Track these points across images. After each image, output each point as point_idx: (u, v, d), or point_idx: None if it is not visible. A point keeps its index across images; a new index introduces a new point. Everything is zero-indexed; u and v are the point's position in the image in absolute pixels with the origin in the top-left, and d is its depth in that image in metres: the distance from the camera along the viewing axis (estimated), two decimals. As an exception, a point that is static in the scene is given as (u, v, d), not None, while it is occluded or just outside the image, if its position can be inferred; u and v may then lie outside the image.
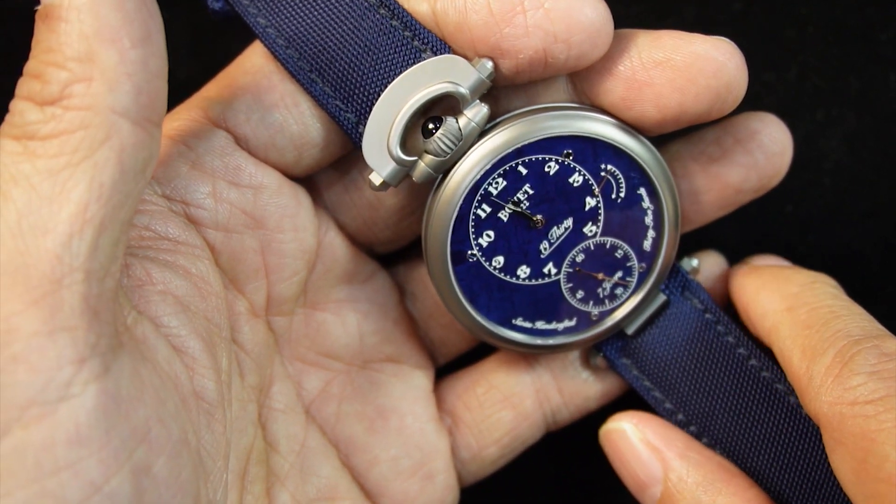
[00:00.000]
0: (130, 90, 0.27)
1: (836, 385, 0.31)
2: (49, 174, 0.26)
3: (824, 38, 0.44)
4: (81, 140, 0.26)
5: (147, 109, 0.27)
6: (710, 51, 0.33)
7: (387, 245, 0.39)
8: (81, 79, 0.26)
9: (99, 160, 0.26)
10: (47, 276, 0.25)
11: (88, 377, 0.25)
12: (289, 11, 0.33)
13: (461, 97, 0.33)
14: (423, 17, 0.33)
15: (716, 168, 0.37)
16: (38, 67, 0.27)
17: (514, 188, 0.35)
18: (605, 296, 0.37)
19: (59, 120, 0.26)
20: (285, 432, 0.36)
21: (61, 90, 0.26)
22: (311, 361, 0.38)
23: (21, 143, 0.26)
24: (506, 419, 0.39)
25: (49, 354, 0.25)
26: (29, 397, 0.25)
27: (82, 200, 0.26)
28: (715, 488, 0.35)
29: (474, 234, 0.35)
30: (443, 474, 0.39)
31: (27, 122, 0.26)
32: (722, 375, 0.37)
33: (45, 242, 0.25)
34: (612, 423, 0.38)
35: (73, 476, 0.25)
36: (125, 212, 0.27)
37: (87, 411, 0.25)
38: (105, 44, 0.27)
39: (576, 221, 0.36)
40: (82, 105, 0.26)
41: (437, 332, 0.40)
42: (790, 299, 0.35)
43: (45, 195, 0.25)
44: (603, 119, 0.35)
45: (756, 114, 0.38)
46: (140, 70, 0.27)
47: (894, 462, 0.28)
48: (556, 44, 0.32)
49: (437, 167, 0.34)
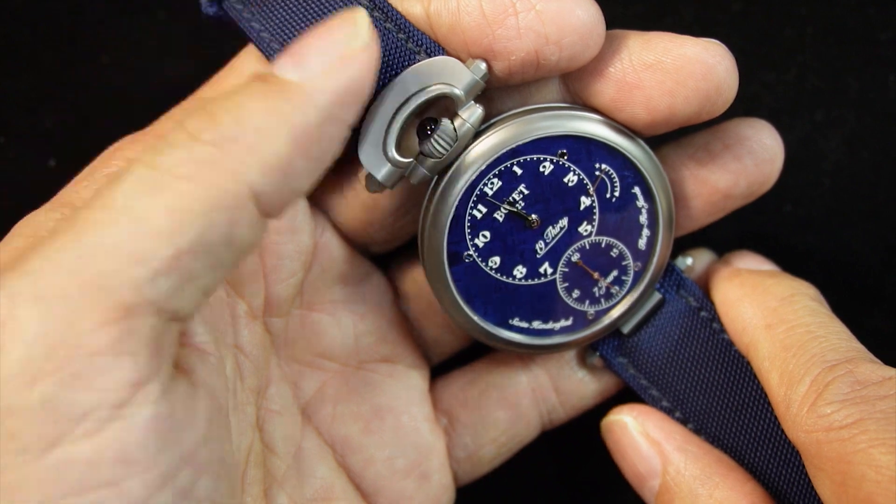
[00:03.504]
0: (275, 184, 0.27)
1: (811, 413, 0.31)
2: (166, 211, 0.26)
3: (824, 39, 0.44)
4: (209, 196, 0.26)
5: (276, 208, 0.28)
6: (700, 53, 0.33)
7: (382, 245, 0.39)
8: (246, 144, 0.27)
9: (214, 221, 0.26)
10: (125, 302, 0.25)
11: (143, 400, 0.26)
12: (283, 15, 0.33)
13: (456, 98, 0.33)
14: (416, 20, 0.33)
15: (704, 173, 0.37)
16: (220, 108, 0.27)
17: (510, 188, 0.35)
18: (600, 295, 0.37)
19: (201, 166, 0.26)
20: (282, 434, 0.36)
21: (221, 140, 0.27)
22: (306, 362, 0.38)
23: (154, 174, 0.26)
24: (501, 419, 0.39)
25: (110, 375, 0.25)
26: (83, 413, 0.25)
27: (183, 248, 0.26)
28: (712, 482, 0.35)
29: (470, 234, 0.35)
30: (438, 474, 0.39)
31: (173, 154, 0.27)
32: (718, 372, 0.37)
33: (134, 271, 0.25)
34: (613, 415, 0.38)
35: (115, 494, 0.25)
36: (210, 277, 0.27)
37: (137, 433, 0.25)
38: (289, 143, 0.27)
39: (571, 221, 0.36)
40: (228, 166, 0.27)
41: (431, 332, 0.40)
42: (769, 315, 0.35)
43: (153, 229, 0.26)
44: (597, 119, 0.35)
45: (747, 119, 0.38)
46: (294, 178, 0.28)
47: (872, 481, 0.29)
48: (547, 45, 0.32)
49: (433, 168, 0.34)
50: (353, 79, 0.28)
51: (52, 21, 0.44)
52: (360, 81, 0.29)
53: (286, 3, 0.33)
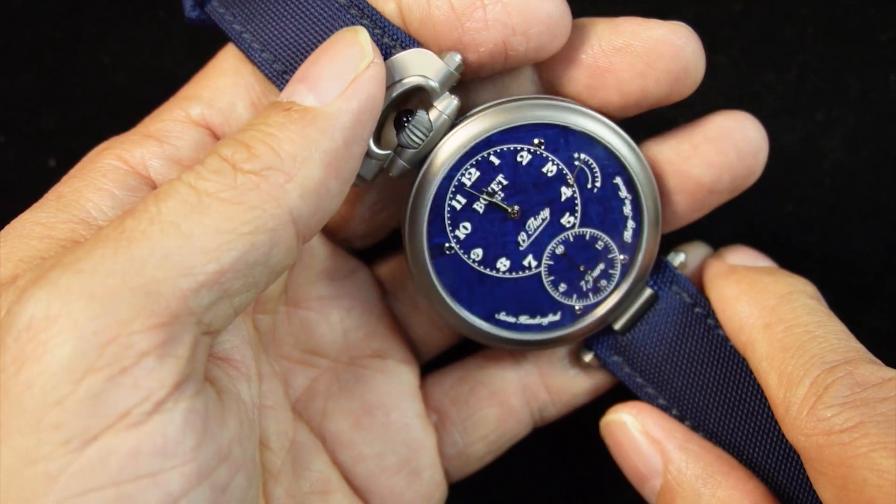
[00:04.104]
0: (312, 207, 0.29)
1: (811, 417, 0.31)
2: (212, 231, 0.28)
3: (824, 39, 0.44)
4: (253, 219, 0.28)
5: (311, 230, 0.30)
6: (668, 35, 0.34)
7: (364, 240, 0.40)
8: (284, 172, 0.29)
9: (256, 243, 0.28)
10: (171, 310, 0.27)
11: (181, 397, 0.27)
12: (263, 16, 0.34)
13: (431, 90, 0.34)
14: (390, 15, 0.34)
15: (687, 168, 0.37)
16: (254, 139, 0.29)
17: (488, 179, 0.35)
18: (588, 289, 0.37)
19: (244, 192, 0.28)
20: (275, 429, 0.36)
21: (261, 168, 0.29)
22: (295, 359, 0.38)
23: (198, 196, 0.28)
24: (492, 416, 0.39)
25: (155, 375, 0.27)
26: (126, 408, 0.26)
27: (226, 266, 0.28)
28: (714, 480, 0.35)
29: (451, 226, 0.36)
30: (429, 470, 0.39)
31: (214, 179, 0.29)
32: (714, 369, 0.37)
33: (182, 282, 0.27)
34: (612, 414, 0.38)
35: (153, 485, 0.26)
36: (245, 296, 0.29)
37: (175, 427, 0.27)
38: (322, 167, 0.30)
39: (553, 212, 0.36)
40: (270, 192, 0.29)
41: (418, 328, 0.41)
42: (767, 314, 0.35)
43: (198, 246, 0.27)
44: (572, 107, 0.35)
45: (730, 112, 0.38)
46: (328, 199, 0.30)
47: (874, 486, 0.29)
48: (514, 36, 0.33)
49: (411, 160, 0.35)
50: (368, 97, 0.31)
51: (52, 21, 0.44)
52: (375, 98, 0.31)
53: (267, 7, 0.34)
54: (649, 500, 0.37)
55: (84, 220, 0.31)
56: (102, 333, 0.26)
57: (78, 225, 0.31)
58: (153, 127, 0.34)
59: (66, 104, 0.45)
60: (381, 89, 0.31)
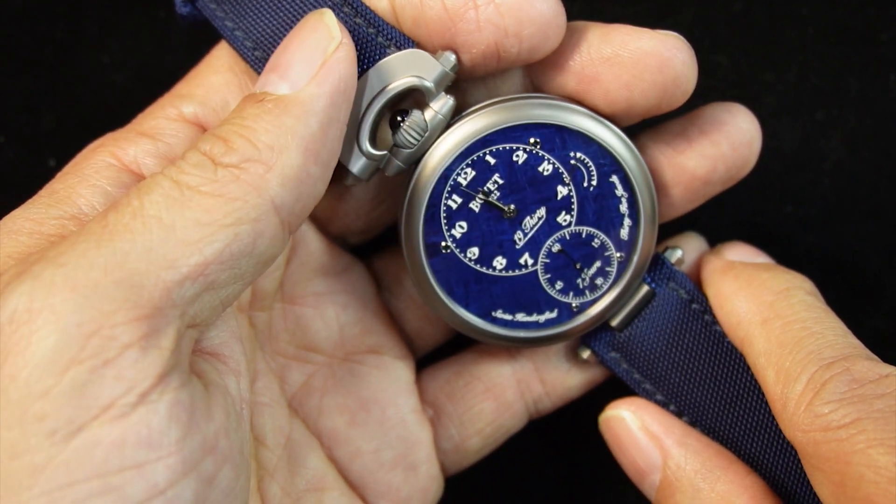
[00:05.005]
0: (294, 194, 0.30)
1: (808, 413, 0.31)
2: (194, 224, 0.28)
3: (824, 39, 0.44)
4: (235, 210, 0.28)
5: (296, 217, 0.30)
6: (657, 46, 0.34)
7: (359, 236, 0.40)
8: (263, 162, 0.29)
9: (240, 233, 0.28)
10: (154, 302, 0.27)
11: (165, 389, 0.27)
12: (256, 14, 0.34)
13: (426, 90, 0.34)
14: (384, 14, 0.34)
15: (682, 160, 0.37)
16: (230, 132, 0.30)
17: (484, 178, 0.35)
18: (584, 286, 0.37)
19: (225, 184, 0.29)
20: (271, 426, 0.36)
21: (240, 161, 0.29)
22: (291, 356, 0.38)
23: (180, 189, 0.28)
24: (487, 410, 0.39)
25: (138, 366, 0.27)
26: (111, 399, 0.26)
27: (209, 258, 0.28)
28: (714, 475, 0.36)
29: (447, 225, 0.36)
30: (426, 465, 0.39)
31: (195, 173, 0.29)
32: (712, 365, 0.37)
33: (164, 274, 0.27)
34: (610, 410, 0.38)
35: (139, 476, 0.26)
36: (232, 289, 0.29)
37: (160, 418, 0.27)
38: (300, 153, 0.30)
39: (549, 211, 0.36)
40: (250, 182, 0.29)
41: (413, 324, 0.41)
42: (765, 310, 0.35)
43: (181, 239, 0.28)
44: (567, 107, 0.35)
45: (723, 104, 0.38)
46: (310, 184, 0.30)
47: (871, 482, 0.29)
48: (507, 38, 0.33)
49: (407, 160, 0.35)
50: (340, 79, 0.31)
51: (52, 21, 0.44)
52: (347, 79, 0.31)
53: (259, 4, 0.34)
54: (649, 495, 0.37)
55: (75, 216, 0.31)
56: (85, 325, 0.26)
57: (69, 221, 0.31)
58: (146, 125, 0.34)
59: (66, 104, 0.45)
60: (353, 69, 0.31)
